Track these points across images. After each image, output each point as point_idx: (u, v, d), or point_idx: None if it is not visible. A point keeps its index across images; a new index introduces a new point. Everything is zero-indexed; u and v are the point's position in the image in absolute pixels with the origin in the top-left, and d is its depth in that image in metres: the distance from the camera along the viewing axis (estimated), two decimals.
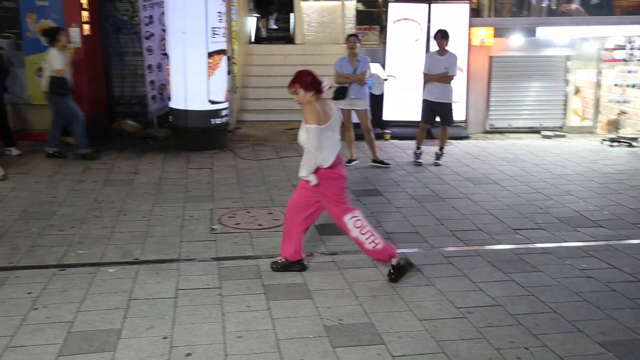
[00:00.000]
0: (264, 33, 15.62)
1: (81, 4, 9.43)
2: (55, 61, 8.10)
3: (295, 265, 4.79)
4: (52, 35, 8.21)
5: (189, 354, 3.57)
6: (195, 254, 5.14)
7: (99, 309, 4.12)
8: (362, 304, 4.25)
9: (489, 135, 10.62)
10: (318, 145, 4.41)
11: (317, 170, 4.53)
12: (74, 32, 9.32)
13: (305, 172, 4.53)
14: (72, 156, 8.46)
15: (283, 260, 4.80)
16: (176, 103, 9.07)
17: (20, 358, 3.50)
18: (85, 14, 9.56)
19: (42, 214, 6.15)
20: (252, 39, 14.97)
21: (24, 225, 5.81)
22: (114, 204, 6.50)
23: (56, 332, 3.79)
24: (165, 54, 9.35)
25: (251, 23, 15.24)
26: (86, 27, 9.56)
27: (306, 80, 4.52)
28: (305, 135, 4.48)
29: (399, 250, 5.15)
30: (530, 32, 10.50)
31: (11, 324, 3.89)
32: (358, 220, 4.61)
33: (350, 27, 13.77)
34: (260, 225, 5.89)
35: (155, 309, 4.13)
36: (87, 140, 8.46)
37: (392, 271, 4.63)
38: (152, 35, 9.98)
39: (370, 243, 4.58)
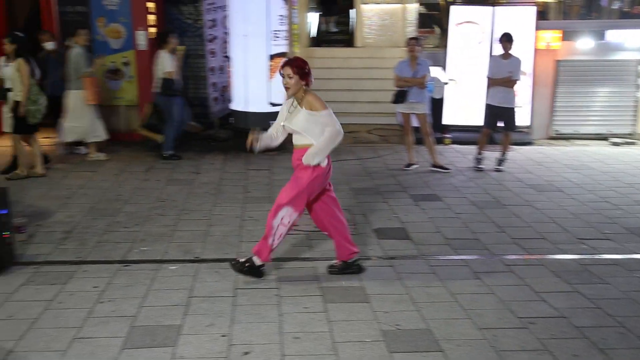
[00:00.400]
0: (325, 29, 15.62)
1: (148, 8, 9.70)
2: (166, 63, 8.34)
3: (352, 267, 4.77)
4: (162, 38, 8.45)
5: (246, 353, 3.61)
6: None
7: (161, 305, 4.21)
8: (420, 309, 4.20)
9: (553, 142, 10.33)
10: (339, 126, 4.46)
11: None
12: (140, 35, 9.60)
13: (320, 158, 4.46)
14: (140, 156, 8.69)
15: (339, 263, 4.80)
16: (237, 105, 9.21)
17: (86, 349, 3.62)
18: (151, 18, 9.82)
19: (108, 211, 6.35)
20: (313, 36, 15.02)
21: (91, 221, 6.02)
22: (176, 202, 6.65)
23: (120, 326, 3.91)
24: (228, 57, 9.51)
25: (313, 21, 15.32)
26: (152, 30, 9.82)
27: (304, 68, 4.40)
28: (305, 123, 4.42)
29: (458, 257, 5.10)
30: (600, 35, 10.16)
31: (79, 315, 4.03)
32: (290, 218, 4.55)
33: (411, 30, 13.65)
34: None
35: (214, 307, 4.20)
36: (173, 144, 8.65)
37: (247, 265, 4.60)
38: (215, 38, 10.19)
39: (273, 240, 4.55)
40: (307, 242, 5.50)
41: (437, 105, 9.90)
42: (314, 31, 15.57)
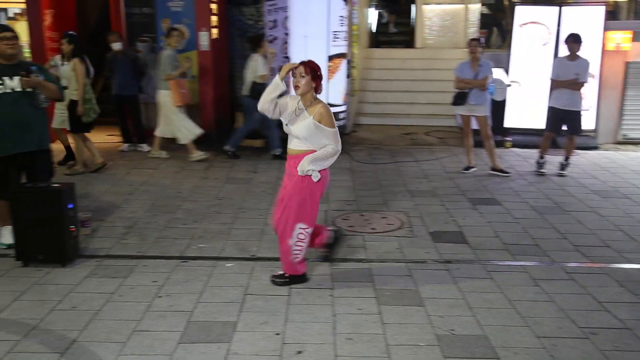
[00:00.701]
0: (384, 30, 15.55)
1: (211, 9, 9.89)
2: (259, 67, 8.47)
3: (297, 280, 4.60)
4: (256, 42, 8.57)
5: (299, 352, 3.63)
6: (309, 254, 5.20)
7: (217, 301, 4.28)
8: (476, 315, 4.12)
9: (620, 146, 9.96)
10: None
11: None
12: (203, 36, 9.79)
13: (315, 168, 4.31)
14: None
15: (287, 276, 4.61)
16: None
17: (145, 342, 3.71)
18: (214, 19, 10.01)
19: (168, 207, 6.50)
20: (372, 37, 14.98)
21: (152, 217, 6.17)
22: (233, 201, 6.75)
23: (177, 320, 3.99)
24: (287, 58, 9.58)
25: (373, 22, 15.28)
26: (214, 31, 10.01)
27: (317, 71, 4.33)
28: (309, 132, 4.28)
29: (517, 263, 5.00)
30: None
31: (138, 309, 4.14)
32: (305, 233, 4.50)
33: (473, 30, 13.45)
34: (373, 229, 5.88)
35: (269, 305, 4.24)
36: (279, 142, 8.74)
37: (287, 277, 4.60)
38: (275, 39, 10.26)
39: (296, 256, 4.52)
40: (363, 243, 5.48)
41: (498, 107, 9.70)
42: (373, 32, 15.52)
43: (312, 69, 4.29)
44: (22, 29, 10.65)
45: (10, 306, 4.16)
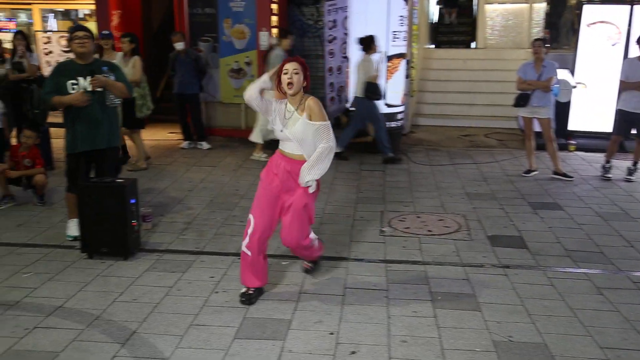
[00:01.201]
0: (445, 29, 15.37)
1: (272, 9, 9.99)
2: (371, 67, 8.49)
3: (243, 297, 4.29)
4: (368, 43, 8.56)
5: (353, 352, 3.62)
6: (364, 255, 5.20)
7: (272, 299, 4.31)
8: (535, 322, 4.02)
9: None
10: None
11: None
12: (263, 35, 9.90)
13: (316, 175, 4.06)
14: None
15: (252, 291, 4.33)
16: (352, 106, 9.24)
17: (202, 336, 3.78)
18: (274, 19, 10.11)
19: (226, 204, 6.60)
20: (432, 37, 14.82)
21: (210, 214, 6.28)
22: None
23: (233, 316, 4.04)
24: (346, 57, 9.58)
25: (433, 22, 15.12)
26: (275, 31, 10.10)
27: (307, 67, 4.09)
28: (303, 133, 4.04)
29: (579, 270, 4.87)
30: None
31: (195, 304, 4.22)
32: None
33: (537, 30, 13.12)
34: (430, 231, 5.82)
35: (323, 304, 4.24)
36: (390, 145, 8.76)
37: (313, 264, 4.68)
38: (334, 38, 10.28)
39: (313, 250, 4.53)
40: (419, 246, 5.42)
41: (562, 109, 9.42)
42: (433, 32, 15.36)
43: (303, 66, 4.04)
44: (90, 29, 11.05)
45: (76, 296, 4.31)
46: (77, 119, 5.14)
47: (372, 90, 8.42)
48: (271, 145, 9.06)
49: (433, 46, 14.99)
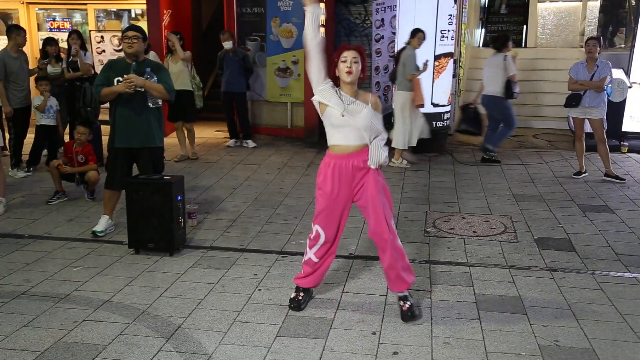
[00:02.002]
0: (494, 28, 15.12)
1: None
2: (511, 66, 8.42)
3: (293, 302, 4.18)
4: (502, 42, 8.51)
5: (395, 353, 3.60)
6: (408, 255, 5.12)
7: (314, 297, 4.32)
8: (583, 327, 3.92)
9: None
10: None
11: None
12: None
13: (385, 153, 3.90)
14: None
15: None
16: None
17: (244, 333, 3.82)
18: (322, 18, 10.11)
19: (270, 202, 6.66)
20: (481, 36, 14.61)
21: (254, 211, 6.34)
22: None
23: (276, 314, 4.07)
24: (393, 56, 9.52)
25: (482, 20, 14.90)
26: (322, 30, 10.09)
27: (365, 57, 3.89)
28: (371, 122, 3.83)
29: (631, 275, 4.72)
30: None
31: (239, 300, 4.27)
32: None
33: (591, 29, 12.79)
34: (475, 232, 5.74)
35: (365, 304, 4.23)
36: (499, 144, 8.76)
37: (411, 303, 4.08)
38: (382, 37, 10.24)
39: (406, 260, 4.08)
40: (463, 247, 5.36)
41: (615, 110, 9.16)
42: (483, 31, 15.13)
43: (362, 56, 3.83)
44: (143, 29, 11.30)
45: (123, 290, 4.42)
46: (117, 116, 5.28)
47: (511, 89, 8.30)
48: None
49: (481, 45, 14.77)
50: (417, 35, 8.27)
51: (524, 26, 14.94)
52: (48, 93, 7.63)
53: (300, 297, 4.18)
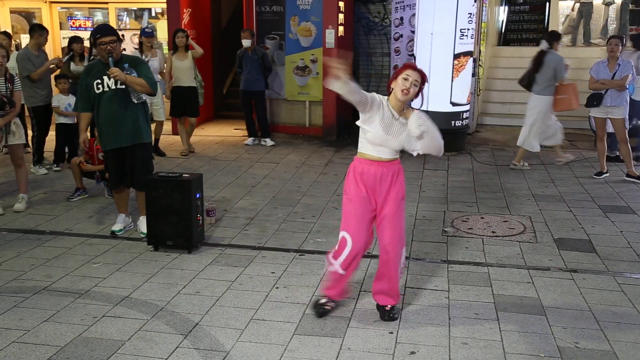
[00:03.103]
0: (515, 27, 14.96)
1: (339, 7, 10.00)
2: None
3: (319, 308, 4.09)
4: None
5: (412, 353, 3.59)
6: (426, 255, 5.15)
7: None
8: (604, 329, 3.87)
9: None
10: None
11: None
12: (329, 33, 9.93)
13: (430, 134, 3.80)
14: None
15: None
16: (418, 104, 9.14)
17: (262, 330, 3.83)
18: (341, 17, 10.12)
19: (288, 201, 6.67)
20: (501, 34, 14.50)
21: (272, 210, 6.36)
22: None
23: (293, 312, 4.08)
24: (412, 55, 9.50)
25: (502, 19, 14.78)
26: (341, 29, 10.11)
27: (425, 84, 3.84)
28: (406, 141, 3.81)
29: None
30: None
31: (257, 298, 4.28)
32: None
33: (614, 27, 12.64)
34: (493, 232, 5.70)
35: None
36: None
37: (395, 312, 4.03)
38: (400, 36, 10.23)
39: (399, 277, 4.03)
40: (482, 247, 5.32)
41: (637, 110, 9.03)
42: (503, 29, 15.01)
43: (423, 82, 3.81)
44: (162, 26, 11.39)
45: (142, 287, 4.45)
46: (102, 117, 5.23)
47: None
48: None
49: (501, 44, 14.66)
50: (559, 38, 8.11)
51: (544, 24, 14.81)
52: (67, 90, 7.73)
53: (328, 307, 4.07)
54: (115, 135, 5.25)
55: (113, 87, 5.17)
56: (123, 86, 5.14)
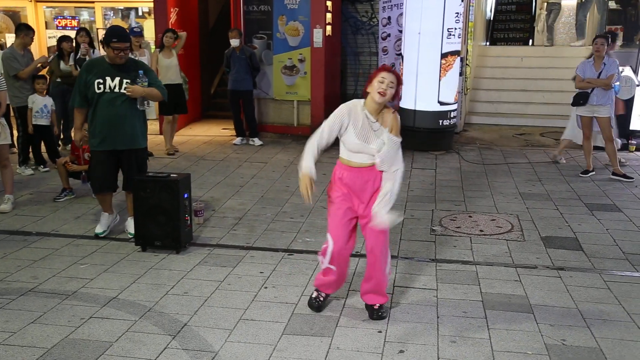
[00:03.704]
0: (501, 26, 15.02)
1: (326, 6, 10.00)
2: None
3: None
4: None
5: (401, 351, 3.60)
6: (414, 253, 5.16)
7: None
8: (590, 326, 3.90)
9: None
10: None
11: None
12: (317, 33, 9.93)
13: (392, 202, 3.83)
14: None
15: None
16: (406, 103, 9.19)
17: (250, 330, 3.83)
18: (329, 16, 10.12)
19: (276, 201, 6.66)
20: (489, 34, 14.56)
21: (261, 209, 6.35)
22: None
23: (282, 312, 4.08)
24: (400, 55, 9.52)
25: (489, 18, 14.83)
26: (328, 28, 10.11)
27: (401, 84, 3.81)
28: (388, 148, 3.76)
29: (639, 274, 4.71)
30: None
31: (245, 298, 4.27)
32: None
33: (599, 27, 12.74)
34: (481, 231, 5.73)
35: None
36: None
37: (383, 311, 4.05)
38: (388, 36, 10.24)
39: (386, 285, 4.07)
40: (470, 245, 5.35)
41: (624, 107, 9.12)
42: (489, 28, 15.08)
43: (399, 83, 3.76)
44: (149, 25, 11.34)
45: (129, 288, 4.43)
46: (99, 118, 5.16)
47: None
48: None
49: (488, 43, 14.72)
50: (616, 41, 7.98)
51: (531, 23, 14.90)
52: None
53: (322, 298, 4.13)
54: (112, 138, 5.18)
55: (117, 90, 5.09)
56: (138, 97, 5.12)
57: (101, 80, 5.08)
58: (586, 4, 13.45)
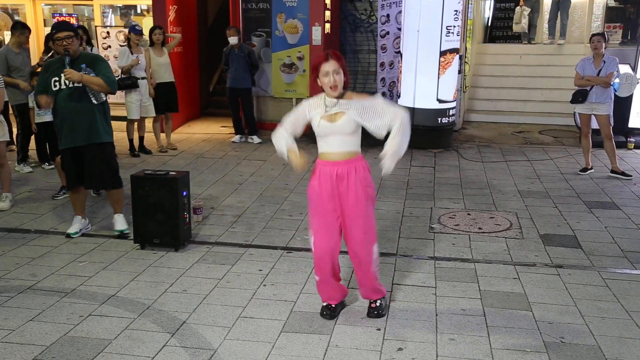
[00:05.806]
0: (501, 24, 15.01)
1: (325, 4, 10.00)
2: None
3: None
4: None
5: (400, 349, 3.60)
6: (413, 251, 5.17)
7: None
8: (589, 324, 3.91)
9: None
10: None
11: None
12: (316, 30, 9.92)
13: (400, 156, 3.81)
14: None
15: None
16: (405, 100, 9.19)
17: (249, 328, 3.83)
18: (327, 14, 10.12)
19: (275, 198, 6.66)
20: (487, 32, 14.55)
21: (259, 207, 6.35)
22: None
23: (281, 309, 4.08)
24: (399, 52, 9.52)
25: (488, 16, 14.81)
26: (327, 26, 10.11)
27: (345, 63, 3.71)
28: (360, 117, 3.69)
29: (637, 272, 4.71)
30: None
31: (244, 296, 4.27)
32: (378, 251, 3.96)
33: (597, 25, 12.74)
34: (480, 229, 5.73)
35: None
36: None
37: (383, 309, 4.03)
38: (387, 33, 10.23)
39: (377, 279, 4.01)
40: (469, 243, 5.35)
41: (622, 106, 9.11)
42: (488, 27, 15.07)
43: (341, 61, 3.63)
44: (148, 23, 11.33)
45: (128, 285, 4.43)
46: (58, 115, 5.16)
47: None
48: None
49: (487, 41, 14.72)
50: None
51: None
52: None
53: (333, 305, 4.01)
54: (71, 134, 5.13)
55: (70, 85, 5.05)
56: (80, 85, 5.03)
57: (57, 78, 5.07)
58: (583, 2, 13.44)
